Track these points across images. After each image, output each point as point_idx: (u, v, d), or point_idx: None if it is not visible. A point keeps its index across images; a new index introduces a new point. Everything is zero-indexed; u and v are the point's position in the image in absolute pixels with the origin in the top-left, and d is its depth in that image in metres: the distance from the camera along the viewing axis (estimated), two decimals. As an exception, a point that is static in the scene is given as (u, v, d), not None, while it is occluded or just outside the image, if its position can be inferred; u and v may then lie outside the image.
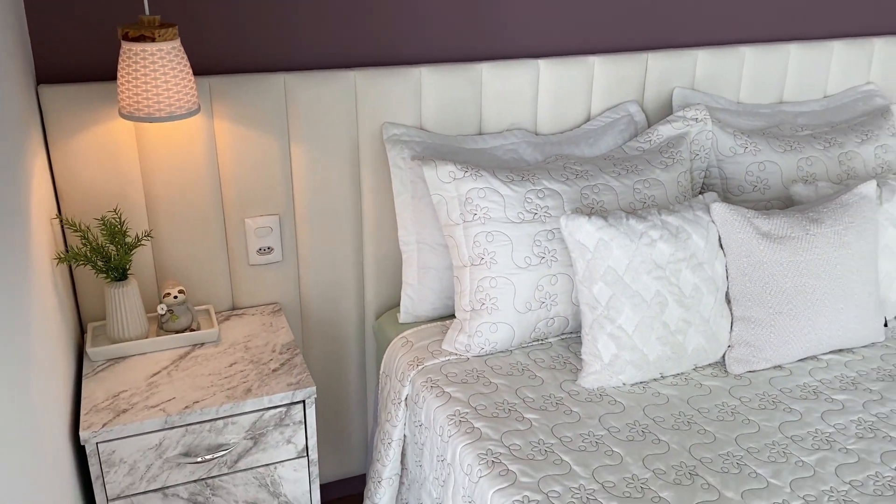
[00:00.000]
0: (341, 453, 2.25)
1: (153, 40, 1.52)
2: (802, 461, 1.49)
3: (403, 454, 1.89)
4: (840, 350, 1.87)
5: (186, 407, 1.59)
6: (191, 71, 1.59)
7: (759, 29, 2.35)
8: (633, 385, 1.73)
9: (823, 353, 1.84)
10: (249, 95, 1.81)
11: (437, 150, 1.95)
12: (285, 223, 1.96)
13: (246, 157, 1.86)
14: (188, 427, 1.59)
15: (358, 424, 2.24)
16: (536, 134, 2.12)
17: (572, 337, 1.91)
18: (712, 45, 2.30)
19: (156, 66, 1.53)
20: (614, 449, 1.52)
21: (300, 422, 1.69)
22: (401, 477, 1.93)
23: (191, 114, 1.60)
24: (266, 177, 1.90)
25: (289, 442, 1.69)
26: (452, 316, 2.02)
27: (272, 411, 1.65)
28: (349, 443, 2.25)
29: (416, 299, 1.99)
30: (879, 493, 1.41)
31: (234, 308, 1.99)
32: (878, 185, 1.96)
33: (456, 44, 2.02)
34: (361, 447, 2.27)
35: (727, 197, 2.13)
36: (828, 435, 1.57)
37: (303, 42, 1.87)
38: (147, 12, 1.56)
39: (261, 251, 1.95)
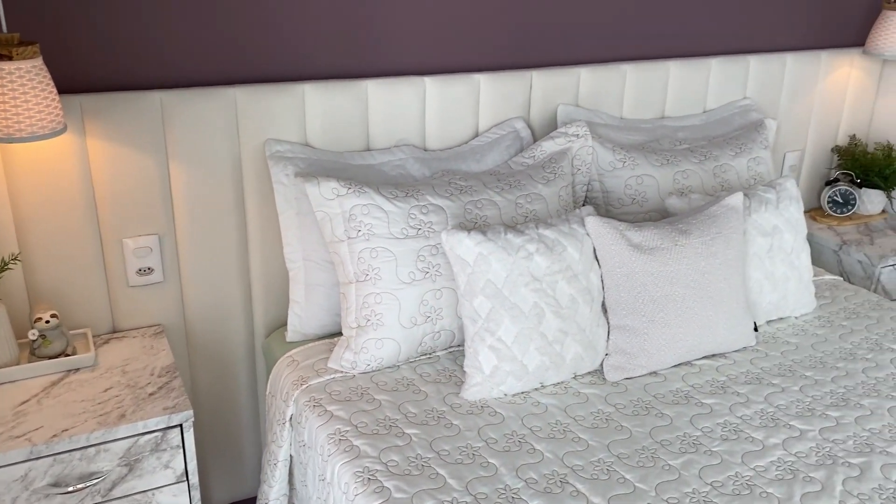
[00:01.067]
0: (235, 476, 2.21)
1: (10, 59, 1.48)
2: (669, 465, 1.55)
3: (292, 475, 1.87)
4: (714, 355, 1.94)
5: (54, 435, 1.54)
6: (54, 90, 1.55)
7: (640, 47, 2.44)
8: (514, 395, 1.76)
9: (697, 359, 1.92)
10: (124, 114, 1.77)
11: (322, 166, 1.95)
12: (166, 243, 1.92)
13: (122, 176, 1.82)
14: (56, 456, 1.54)
15: (251, 446, 2.21)
16: (425, 150, 2.15)
17: (459, 350, 1.93)
18: (595, 62, 2.37)
19: (14, 86, 1.49)
20: (490, 460, 1.54)
21: (178, 446, 1.65)
22: (290, 498, 1.91)
23: (55, 133, 1.55)
24: (144, 196, 1.86)
25: (167, 467, 1.65)
26: (341, 333, 2.02)
27: (147, 436, 1.61)
28: (242, 465, 2.21)
29: (303, 317, 1.98)
30: (738, 492, 1.47)
31: (114, 331, 1.94)
32: (747, 196, 2.06)
33: (341, 60, 2.03)
34: (255, 469, 2.23)
35: (608, 209, 2.20)
36: (695, 438, 1.63)
37: (180, 59, 1.85)
38: (4, 30, 1.52)
39: (140, 272, 1.91)
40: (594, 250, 1.85)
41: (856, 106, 2.92)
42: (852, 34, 2.85)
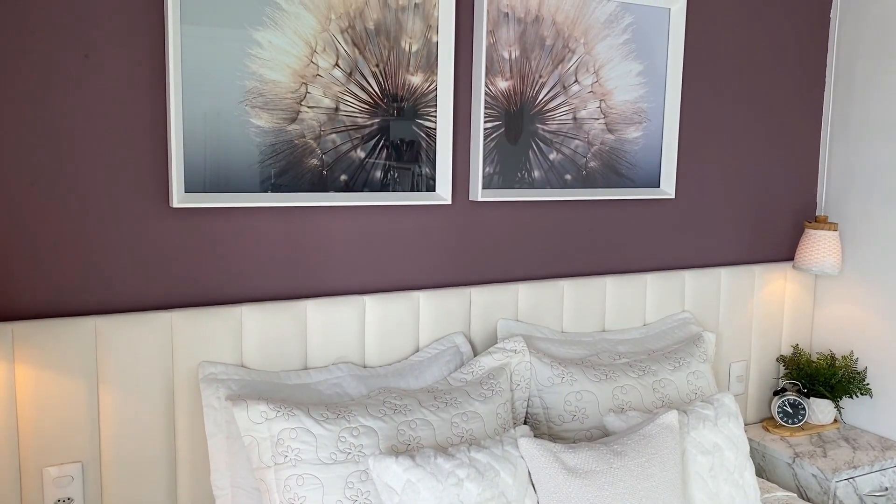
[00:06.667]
0: None
1: (-61, 291, 1.51)
2: None
3: None
4: (661, 586, 1.84)
5: None
6: (-18, 320, 1.57)
7: (576, 264, 2.54)
8: None
9: (643, 591, 1.81)
10: (56, 340, 1.78)
11: (256, 387, 1.94)
12: (90, 470, 1.85)
13: (49, 403, 1.79)
14: None
15: None
16: (364, 367, 2.15)
17: (392, 585, 1.81)
18: (532, 279, 2.46)
19: (-61, 317, 1.51)
20: None
21: None
22: None
23: (-24, 363, 1.55)
24: (70, 422, 1.82)
25: None
26: (270, 565, 1.90)
27: None
28: None
29: (229, 549, 1.87)
30: None
31: (21, 569, 1.81)
32: (685, 412, 2.06)
33: (281, 283, 2.09)
34: None
35: (549, 426, 2.17)
36: None
37: (116, 284, 1.90)
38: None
39: (59, 503, 1.82)
40: (529, 473, 1.80)
41: (795, 316, 3.01)
42: (783, 249, 3.01)
